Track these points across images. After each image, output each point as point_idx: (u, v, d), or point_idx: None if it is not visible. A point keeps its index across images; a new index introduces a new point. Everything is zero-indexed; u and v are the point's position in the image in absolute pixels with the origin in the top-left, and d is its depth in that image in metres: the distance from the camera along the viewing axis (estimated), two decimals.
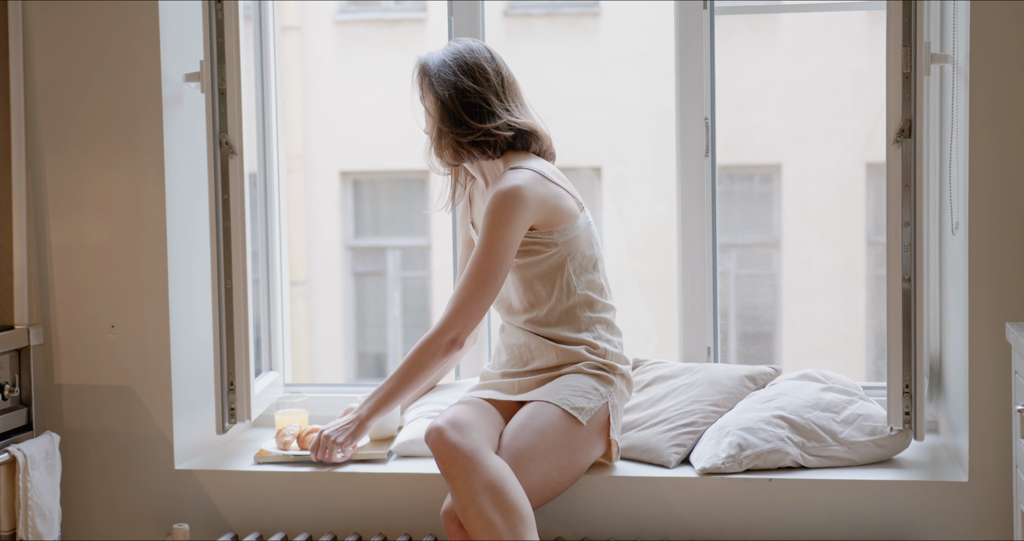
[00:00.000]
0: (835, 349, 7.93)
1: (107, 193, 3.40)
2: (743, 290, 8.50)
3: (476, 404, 3.15)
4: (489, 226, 3.12)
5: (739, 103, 8.25)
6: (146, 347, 3.40)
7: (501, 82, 3.26)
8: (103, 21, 3.37)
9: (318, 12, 9.21)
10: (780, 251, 8.50)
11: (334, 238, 9.22)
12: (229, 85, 3.25)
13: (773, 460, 3.20)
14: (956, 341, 3.28)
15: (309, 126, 9.14)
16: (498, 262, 3.12)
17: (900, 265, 3.10)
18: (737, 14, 3.87)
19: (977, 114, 3.09)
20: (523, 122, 3.25)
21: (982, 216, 3.10)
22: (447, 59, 3.26)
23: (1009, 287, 3.09)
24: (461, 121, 3.23)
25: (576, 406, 3.11)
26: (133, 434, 3.43)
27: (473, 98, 3.22)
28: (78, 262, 3.42)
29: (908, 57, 3.06)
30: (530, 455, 3.03)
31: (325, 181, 9.16)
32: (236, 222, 3.28)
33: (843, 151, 8.11)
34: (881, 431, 3.25)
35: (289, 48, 9.16)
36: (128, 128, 3.38)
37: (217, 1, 3.24)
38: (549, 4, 9.04)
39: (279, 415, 3.51)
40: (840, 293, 7.95)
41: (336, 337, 9.23)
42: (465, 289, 3.12)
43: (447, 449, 2.93)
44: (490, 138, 3.23)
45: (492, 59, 3.28)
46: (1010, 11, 3.07)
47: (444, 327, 3.12)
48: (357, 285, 9.30)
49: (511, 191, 3.12)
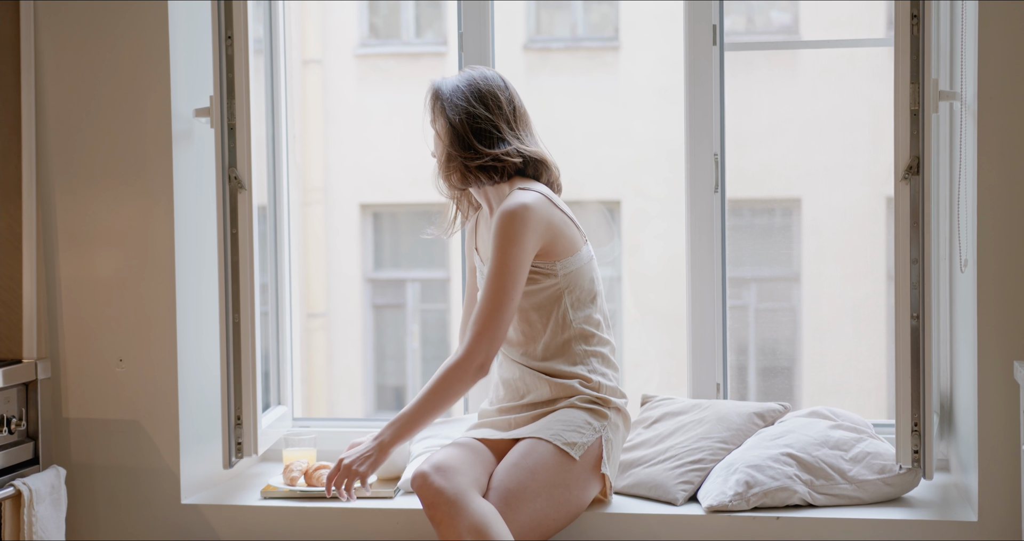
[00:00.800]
0: (855, 384, 7.88)
1: (116, 227, 3.42)
2: (763, 324, 8.48)
3: (466, 445, 3.13)
4: (499, 246, 3.12)
5: (759, 137, 8.25)
6: (154, 381, 3.41)
7: (513, 111, 3.26)
8: (114, 56, 3.39)
9: (339, 46, 9.26)
10: (800, 285, 8.48)
11: (353, 270, 9.24)
12: (239, 120, 3.27)
13: (781, 498, 3.18)
14: (966, 379, 3.25)
15: (329, 159, 9.18)
16: (512, 281, 3.11)
17: (908, 302, 3.08)
18: (746, 50, 3.87)
19: (985, 151, 3.08)
20: (533, 150, 3.25)
21: (991, 253, 3.09)
22: (460, 85, 3.26)
23: (1018, 325, 3.07)
24: (470, 145, 3.22)
25: (568, 441, 3.09)
26: (140, 468, 3.43)
27: (484, 124, 3.22)
28: (87, 296, 3.43)
29: (916, 94, 3.05)
30: (520, 494, 3.02)
31: (345, 214, 9.19)
32: (244, 256, 3.28)
33: (863, 185, 8.10)
34: (890, 469, 3.23)
35: (310, 81, 9.20)
36: (138, 162, 3.39)
37: (227, 37, 3.25)
38: (569, 38, 9.07)
39: (287, 451, 3.51)
40: (860, 328, 7.91)
41: (355, 369, 9.23)
42: (483, 313, 3.11)
43: (431, 493, 2.93)
44: (498, 163, 3.22)
45: (505, 88, 3.28)
46: (1018, 48, 3.06)
47: (471, 352, 3.09)
48: (376, 317, 9.31)
49: (519, 209, 3.12)
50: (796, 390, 8.29)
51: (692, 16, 3.61)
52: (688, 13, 3.61)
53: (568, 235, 3.21)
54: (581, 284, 3.23)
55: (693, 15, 3.61)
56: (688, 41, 3.61)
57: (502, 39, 8.65)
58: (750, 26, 8.84)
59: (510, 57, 8.70)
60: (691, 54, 3.61)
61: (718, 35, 3.62)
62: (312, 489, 3.35)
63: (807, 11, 8.60)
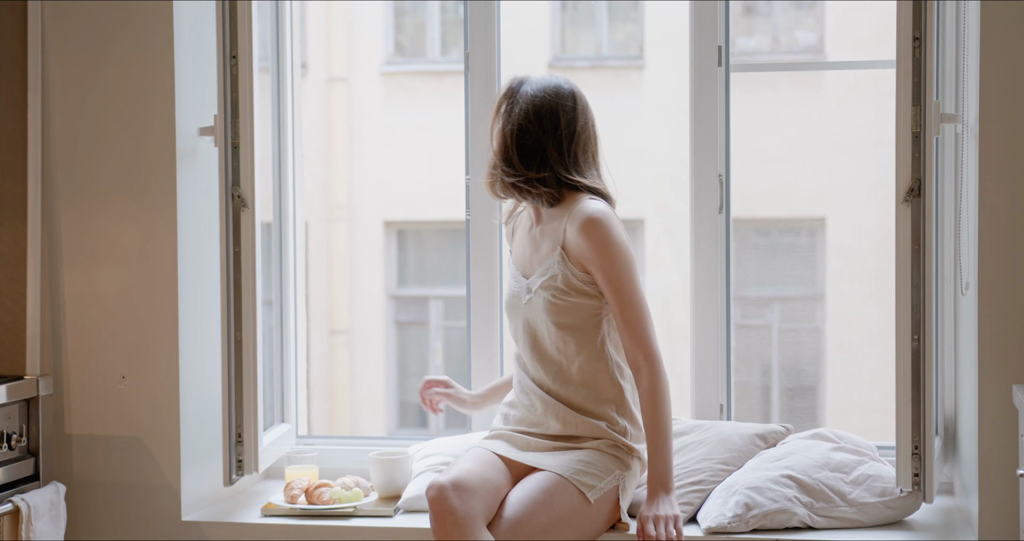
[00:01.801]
0: (878, 404, 7.85)
1: (120, 245, 3.44)
2: (786, 344, 8.46)
3: (485, 461, 3.10)
4: (605, 253, 3.07)
5: (784, 156, 8.24)
6: (156, 398, 3.42)
7: (571, 134, 3.14)
8: (119, 75, 3.42)
9: (365, 64, 9.30)
10: (824, 305, 8.45)
11: (377, 288, 9.27)
12: (242, 139, 3.28)
13: (780, 520, 3.17)
14: (967, 402, 3.24)
15: (354, 176, 9.22)
16: (637, 283, 3.09)
17: (909, 324, 3.07)
18: (751, 71, 3.87)
19: (987, 174, 3.07)
20: (578, 180, 3.15)
21: (992, 276, 3.07)
22: (529, 91, 3.16)
23: (1019, 349, 3.06)
24: (510, 160, 3.15)
25: (588, 484, 3.06)
26: (141, 485, 3.44)
27: (531, 141, 3.13)
28: (90, 313, 3.46)
29: (918, 116, 3.04)
30: (530, 528, 3.00)
31: (369, 231, 9.22)
32: (246, 274, 3.30)
33: (887, 204, 8.05)
34: (891, 492, 3.21)
35: (336, 99, 9.25)
36: (142, 180, 3.42)
37: (232, 57, 3.27)
38: (594, 56, 9.08)
39: (289, 469, 3.52)
40: (884, 347, 7.88)
41: (378, 386, 9.25)
42: (630, 324, 3.08)
43: (444, 511, 2.92)
44: (532, 188, 3.14)
45: (572, 108, 3.15)
46: (1019, 71, 3.05)
47: (651, 362, 3.08)
48: (400, 334, 9.33)
49: (603, 214, 3.09)
50: (820, 409, 8.26)
51: (697, 37, 3.61)
52: (693, 34, 3.61)
53: None
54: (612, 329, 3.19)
55: (698, 36, 3.61)
56: (693, 62, 3.61)
57: (527, 57, 8.69)
58: (775, 46, 8.84)
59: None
60: (696, 75, 3.61)
61: (724, 56, 3.62)
62: (312, 507, 3.36)
63: (832, 31, 8.59)
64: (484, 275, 3.72)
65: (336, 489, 3.40)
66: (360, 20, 9.35)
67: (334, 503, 3.37)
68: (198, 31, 3.48)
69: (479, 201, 3.70)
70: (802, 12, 8.88)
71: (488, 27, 3.69)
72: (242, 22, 3.26)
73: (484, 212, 3.69)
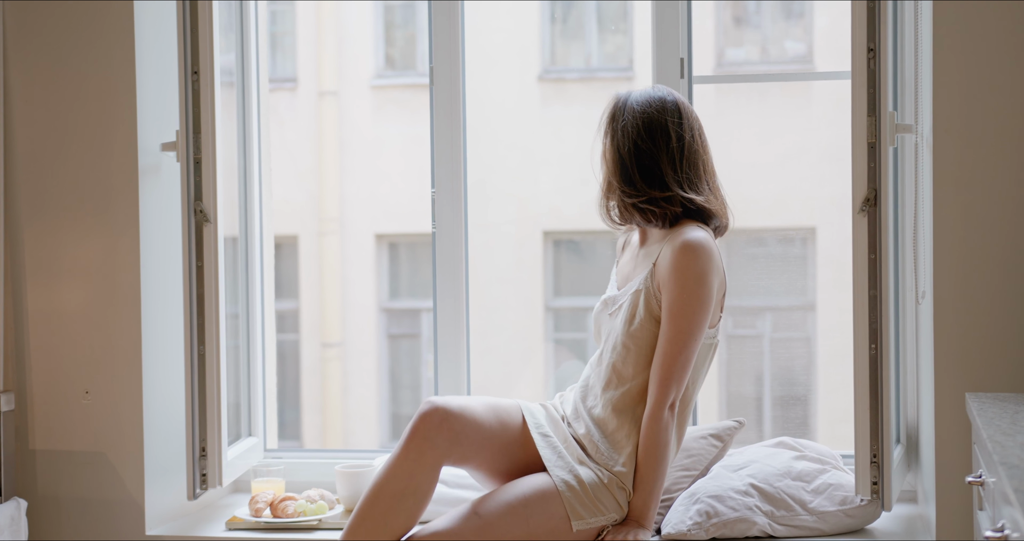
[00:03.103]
0: None
1: (83, 260, 3.46)
2: (778, 354, 8.45)
3: (500, 413, 3.10)
4: (682, 282, 3.00)
5: (773, 166, 8.24)
6: (119, 413, 3.44)
7: (681, 148, 3.09)
8: (82, 91, 3.44)
9: (355, 77, 9.32)
10: (815, 314, 8.45)
11: (369, 300, 9.27)
12: (204, 154, 3.30)
13: (740, 529, 3.17)
14: (926, 410, 3.25)
15: (345, 189, 9.23)
16: (698, 323, 3.01)
17: (867, 332, 3.09)
18: (712, 83, 3.89)
19: (941, 184, 3.09)
20: (692, 199, 3.09)
21: (946, 285, 3.08)
22: (638, 107, 3.10)
23: (974, 357, 3.07)
24: (632, 180, 3.09)
25: (577, 513, 3.01)
26: (105, 500, 3.46)
27: (647, 160, 3.08)
28: (54, 328, 3.47)
29: (873, 127, 3.06)
30: (501, 531, 2.96)
31: (360, 244, 9.23)
32: (210, 288, 3.31)
33: None
34: (851, 501, 3.22)
35: (326, 112, 9.27)
36: (105, 196, 3.44)
37: (194, 73, 3.29)
38: (584, 68, 9.10)
39: (255, 482, 3.53)
40: None
41: (370, 399, 9.26)
42: (667, 357, 3.01)
43: (419, 430, 2.97)
44: (657, 208, 3.08)
45: (679, 122, 3.10)
46: (972, 82, 3.07)
47: (660, 399, 3.01)
48: (392, 347, 9.34)
49: (702, 244, 3.02)
50: (811, 419, 8.25)
51: (660, 50, 3.62)
52: (656, 46, 3.63)
53: (717, 299, 3.10)
54: (696, 363, 3.12)
55: (661, 48, 3.62)
56: (656, 75, 3.63)
57: (518, 70, 8.71)
58: (765, 56, 8.84)
59: (525, 87, 8.74)
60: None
61: (686, 68, 3.63)
62: (277, 520, 3.37)
63: (821, 41, 8.61)
64: (450, 286, 3.74)
65: (301, 502, 3.41)
66: (350, 34, 9.37)
67: (299, 516, 3.39)
68: (160, 47, 3.50)
69: (445, 214, 3.71)
70: (791, 23, 8.89)
71: (452, 41, 3.71)
72: (203, 38, 3.28)
73: (449, 225, 3.71)
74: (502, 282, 8.53)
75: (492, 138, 8.39)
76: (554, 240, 8.56)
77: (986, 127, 3.07)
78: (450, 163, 3.72)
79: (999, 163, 3.06)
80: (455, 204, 3.73)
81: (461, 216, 3.73)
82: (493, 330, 8.27)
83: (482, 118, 8.65)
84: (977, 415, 2.65)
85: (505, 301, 8.53)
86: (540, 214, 8.35)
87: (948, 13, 3.07)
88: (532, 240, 8.55)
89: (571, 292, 8.64)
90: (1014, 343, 3.05)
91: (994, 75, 3.06)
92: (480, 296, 8.69)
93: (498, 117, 8.55)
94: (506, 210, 8.42)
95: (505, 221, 8.46)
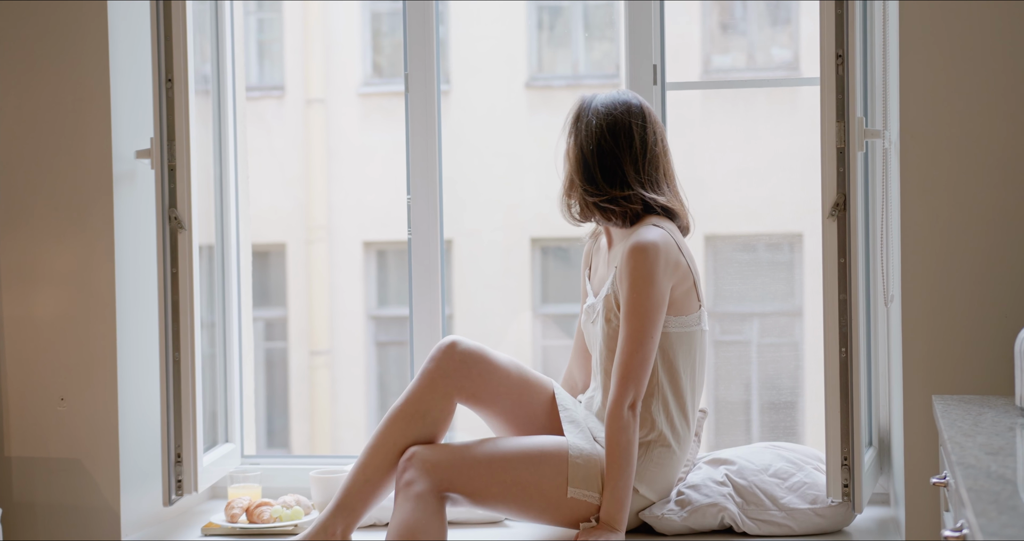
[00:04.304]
0: None
1: (58, 267, 3.47)
2: (766, 359, 8.47)
3: (522, 375, 3.23)
4: (632, 284, 3.06)
5: (759, 172, 8.26)
6: (95, 419, 3.45)
7: (643, 150, 3.16)
8: (56, 99, 3.45)
9: (342, 85, 9.34)
10: (803, 320, 8.48)
11: (357, 308, 9.28)
12: (179, 162, 3.31)
13: (712, 513, 3.20)
14: (895, 413, 3.27)
15: (333, 197, 9.24)
16: (649, 322, 3.06)
17: (837, 336, 3.10)
18: (685, 90, 3.90)
19: (908, 188, 3.11)
20: (655, 198, 3.15)
21: (914, 289, 3.11)
22: (602, 108, 3.17)
23: (941, 360, 3.09)
24: (594, 178, 3.16)
25: (575, 478, 3.08)
26: (80, 506, 3.46)
27: (609, 160, 3.15)
28: (28, 335, 3.48)
29: (842, 132, 3.07)
30: (504, 476, 3.07)
31: (348, 251, 9.24)
32: (184, 295, 3.32)
33: None
34: (823, 500, 3.24)
35: (314, 120, 9.28)
36: (79, 203, 3.45)
37: (167, 80, 3.30)
38: (571, 75, 9.12)
39: (232, 488, 3.54)
40: None
41: (358, 406, 9.26)
42: (624, 356, 3.06)
43: (447, 360, 3.13)
44: (617, 207, 3.15)
45: (642, 124, 3.17)
46: (938, 87, 3.09)
47: (617, 398, 3.05)
48: (380, 354, 9.35)
49: (650, 244, 3.06)
50: (799, 424, 8.27)
51: (633, 56, 3.64)
52: (629, 53, 3.64)
53: (684, 289, 3.15)
54: (679, 351, 3.18)
55: (634, 55, 3.64)
56: (629, 81, 3.65)
57: (505, 77, 8.73)
58: (751, 63, 8.87)
59: (512, 95, 8.77)
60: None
61: (659, 75, 3.65)
62: (252, 526, 3.39)
63: (807, 48, 8.64)
64: (426, 294, 3.75)
65: (277, 508, 3.43)
66: (337, 41, 9.39)
67: (274, 522, 3.40)
68: (135, 54, 3.51)
69: (421, 221, 3.73)
70: (778, 29, 8.92)
71: (427, 47, 3.72)
72: (177, 46, 3.29)
73: (425, 232, 3.73)
74: (490, 289, 8.55)
75: (479, 145, 8.41)
76: (542, 247, 8.58)
77: (952, 131, 3.09)
78: (425, 169, 3.74)
79: (965, 167, 3.09)
80: (431, 211, 3.75)
81: (437, 223, 3.74)
82: (482, 337, 8.30)
83: (469, 125, 8.68)
84: (941, 417, 2.67)
85: (493, 308, 8.55)
86: (527, 221, 8.38)
87: (915, 18, 3.09)
88: (520, 247, 8.57)
89: (559, 299, 8.66)
90: (981, 345, 3.07)
91: (960, 80, 3.09)
92: (468, 303, 8.71)
93: (485, 124, 8.57)
94: (493, 217, 8.45)
95: (492, 228, 8.48)
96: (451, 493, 3.06)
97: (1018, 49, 3.07)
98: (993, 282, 3.08)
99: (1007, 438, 2.44)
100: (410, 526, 2.98)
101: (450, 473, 3.05)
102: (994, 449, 2.31)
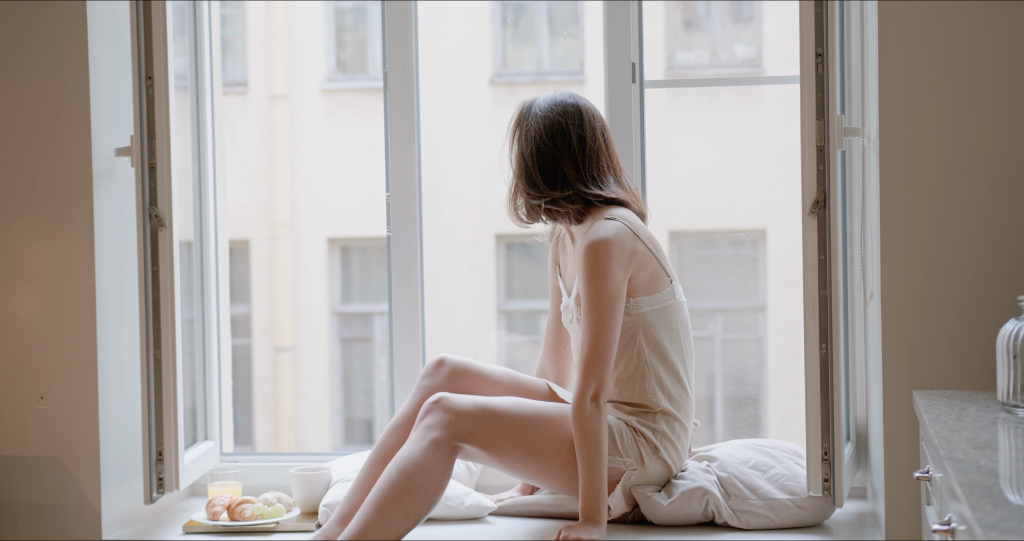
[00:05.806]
0: None
1: (38, 265, 3.45)
2: (729, 355, 8.52)
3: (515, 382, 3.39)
4: (588, 281, 3.12)
5: (724, 169, 8.30)
6: (75, 418, 3.44)
7: (583, 149, 3.23)
8: (34, 96, 3.43)
9: (306, 81, 9.32)
10: (766, 315, 8.53)
11: (321, 304, 9.27)
12: (159, 160, 3.30)
13: (697, 497, 3.25)
14: (874, 408, 3.30)
15: (297, 193, 9.23)
16: (608, 314, 3.12)
17: (817, 332, 3.13)
18: (663, 88, 3.92)
19: (887, 186, 3.14)
20: (597, 193, 3.22)
21: (894, 285, 3.14)
22: (540, 112, 3.25)
23: (921, 355, 3.12)
24: (535, 182, 3.23)
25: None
26: (61, 505, 3.45)
27: (548, 163, 3.22)
28: (7, 334, 3.47)
29: (822, 131, 3.10)
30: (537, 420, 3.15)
31: (312, 248, 9.23)
32: (165, 293, 3.31)
33: None
34: (802, 492, 3.27)
35: (277, 116, 9.26)
36: (59, 201, 3.43)
37: (148, 78, 3.29)
38: (535, 72, 9.13)
39: (212, 486, 3.54)
40: None
41: (323, 403, 9.25)
42: (585, 350, 3.12)
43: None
44: (559, 208, 3.23)
45: (580, 123, 3.25)
46: (916, 85, 3.12)
47: (582, 389, 3.10)
48: (344, 351, 9.34)
49: (600, 243, 3.12)
50: (763, 420, 8.32)
51: (612, 54, 3.66)
52: (608, 51, 3.66)
53: (648, 271, 3.22)
54: (659, 327, 3.25)
55: (612, 53, 3.66)
56: (608, 79, 3.67)
57: (470, 73, 8.74)
58: (714, 60, 8.91)
59: (477, 91, 8.77)
60: (611, 92, 3.67)
61: (637, 73, 3.67)
62: (234, 523, 3.38)
63: (770, 45, 8.68)
64: (405, 290, 3.76)
65: (258, 505, 3.43)
66: (301, 38, 9.37)
67: (256, 519, 3.40)
68: (114, 51, 3.50)
69: (400, 218, 3.74)
70: (740, 26, 8.97)
71: (406, 45, 3.73)
72: (157, 43, 3.28)
73: (404, 229, 3.74)
74: (455, 285, 8.56)
75: (444, 141, 8.41)
76: (507, 243, 8.60)
77: (931, 130, 3.12)
78: (404, 167, 3.75)
79: (944, 165, 3.12)
80: (410, 208, 3.76)
81: (416, 220, 3.75)
82: (447, 333, 8.29)
83: (434, 122, 8.67)
84: (924, 412, 2.70)
85: (458, 304, 8.56)
86: (492, 217, 8.39)
87: (893, 16, 3.12)
88: (485, 243, 8.58)
89: (523, 295, 8.68)
90: (960, 341, 3.11)
91: (939, 78, 3.12)
92: (433, 299, 8.71)
93: (450, 120, 8.58)
94: (459, 213, 8.45)
95: (458, 224, 8.48)
96: (467, 445, 3.10)
97: (997, 48, 3.10)
98: (972, 278, 3.11)
99: (991, 432, 2.47)
100: (417, 463, 3.04)
101: (471, 424, 3.10)
102: (980, 443, 2.34)
